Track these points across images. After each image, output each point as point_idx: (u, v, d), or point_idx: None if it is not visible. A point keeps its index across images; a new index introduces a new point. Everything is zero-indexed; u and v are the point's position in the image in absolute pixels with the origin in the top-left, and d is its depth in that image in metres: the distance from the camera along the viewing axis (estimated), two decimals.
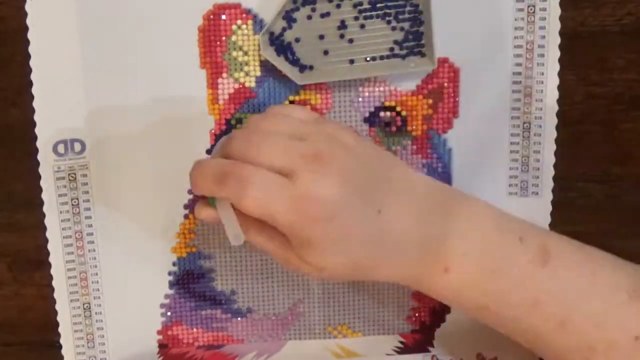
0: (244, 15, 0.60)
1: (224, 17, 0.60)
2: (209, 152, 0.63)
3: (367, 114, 0.63)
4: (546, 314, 0.55)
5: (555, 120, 0.63)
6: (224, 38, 0.61)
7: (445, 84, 0.63)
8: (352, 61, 0.61)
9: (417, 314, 0.67)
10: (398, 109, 0.63)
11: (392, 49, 0.61)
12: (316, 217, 0.50)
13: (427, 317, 0.67)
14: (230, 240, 0.53)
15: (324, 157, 0.51)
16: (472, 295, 0.56)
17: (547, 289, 0.55)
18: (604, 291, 0.55)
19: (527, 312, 0.55)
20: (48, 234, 0.63)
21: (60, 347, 0.65)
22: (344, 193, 0.51)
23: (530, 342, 0.57)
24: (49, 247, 0.64)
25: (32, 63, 0.60)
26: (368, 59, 0.61)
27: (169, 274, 0.65)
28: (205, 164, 0.53)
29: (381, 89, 0.62)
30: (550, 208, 0.65)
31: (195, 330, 0.67)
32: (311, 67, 0.61)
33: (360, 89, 0.63)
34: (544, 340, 0.56)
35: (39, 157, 0.62)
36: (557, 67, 0.62)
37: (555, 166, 0.64)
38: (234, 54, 0.61)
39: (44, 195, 0.62)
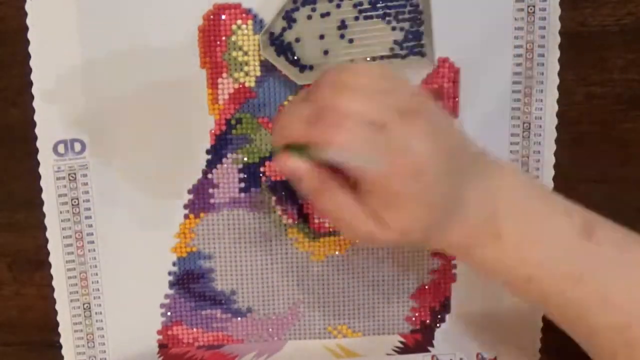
0: (244, 15, 0.60)
1: (224, 17, 0.60)
2: (209, 152, 0.63)
3: None
4: (590, 288, 0.54)
5: (555, 120, 0.63)
6: (224, 38, 0.61)
7: (445, 84, 0.63)
8: (352, 61, 0.61)
9: (417, 314, 0.67)
10: None
11: (392, 49, 0.61)
12: (408, 172, 0.49)
13: (427, 317, 0.67)
14: (367, 164, 0.49)
15: (415, 112, 0.50)
16: (520, 266, 0.54)
17: (593, 263, 0.54)
18: None
19: (572, 285, 0.54)
20: (48, 234, 0.63)
21: (60, 347, 0.65)
22: (433, 150, 0.49)
23: (569, 319, 0.56)
24: (49, 247, 0.64)
25: (32, 63, 0.60)
26: (368, 59, 0.61)
27: (169, 274, 0.65)
28: (296, 107, 0.50)
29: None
30: None
31: (195, 330, 0.67)
32: (311, 67, 0.61)
33: None
34: (584, 316, 0.55)
35: (39, 157, 0.62)
36: (557, 67, 0.62)
37: (555, 166, 0.64)
38: (234, 54, 0.61)
39: (44, 195, 0.62)
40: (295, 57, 0.61)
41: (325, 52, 0.61)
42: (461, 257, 0.56)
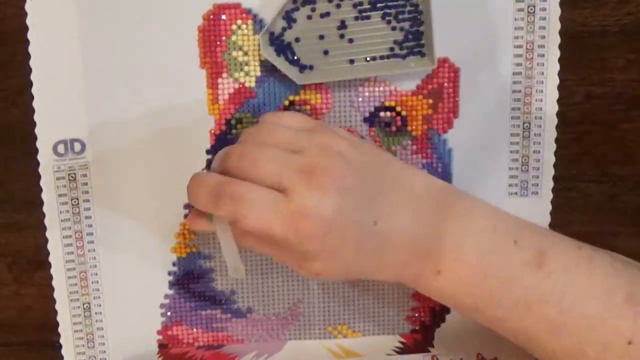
0: (244, 15, 0.60)
1: (224, 17, 0.60)
2: (209, 152, 0.63)
3: (367, 114, 0.63)
4: (538, 316, 0.55)
5: (555, 120, 0.63)
6: (224, 38, 0.61)
7: (445, 84, 0.63)
8: (352, 61, 0.61)
9: (417, 314, 0.67)
10: (398, 109, 0.63)
11: (392, 49, 0.61)
12: (311, 234, 0.51)
13: (427, 317, 0.67)
14: (230, 272, 0.54)
15: (319, 171, 0.51)
16: (464, 297, 0.56)
17: (541, 292, 0.55)
18: (600, 294, 0.55)
19: (519, 314, 0.55)
20: (48, 234, 0.63)
21: (60, 347, 0.65)
22: (338, 207, 0.51)
23: (522, 343, 0.57)
24: (49, 247, 0.64)
25: (32, 63, 0.60)
26: (368, 59, 0.61)
27: (169, 274, 0.65)
28: (201, 180, 0.53)
29: (381, 89, 0.62)
30: (550, 208, 0.65)
31: (195, 330, 0.67)
32: (311, 67, 0.61)
33: (360, 89, 0.63)
34: (536, 342, 0.56)
35: (39, 157, 0.62)
36: (557, 67, 0.62)
37: (555, 166, 0.64)
38: (234, 54, 0.61)
39: (44, 195, 0.62)
40: (295, 57, 0.61)
41: (325, 52, 0.61)
42: (410, 286, 0.57)
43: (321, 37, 0.60)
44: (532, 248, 0.55)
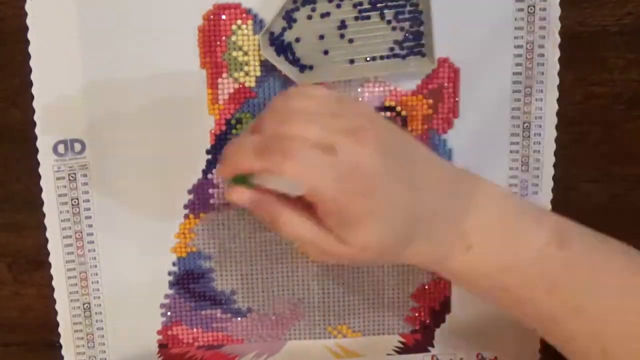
0: (244, 15, 0.60)
1: (224, 17, 0.60)
2: (209, 152, 0.63)
3: None
4: (563, 297, 0.54)
5: (555, 120, 0.63)
6: (224, 38, 0.61)
7: (445, 84, 0.63)
8: (352, 61, 0.61)
9: (417, 314, 0.67)
10: (398, 109, 0.63)
11: (392, 49, 0.61)
12: (360, 190, 0.50)
13: (427, 317, 0.67)
14: (291, 191, 0.50)
15: (363, 130, 0.50)
16: (491, 275, 0.55)
17: (564, 272, 0.54)
18: (619, 275, 0.55)
19: (544, 294, 0.54)
20: (48, 234, 0.63)
21: (60, 347, 0.65)
22: (384, 165, 0.50)
23: (543, 325, 0.57)
24: (49, 247, 0.64)
25: (32, 63, 0.60)
26: (368, 59, 0.61)
27: (169, 274, 0.65)
28: (244, 140, 0.51)
29: (381, 89, 0.62)
30: (550, 208, 0.65)
31: (195, 330, 0.67)
32: (311, 67, 0.61)
33: (360, 89, 0.62)
34: (558, 323, 0.55)
35: (39, 157, 0.62)
36: (557, 67, 0.62)
37: (555, 166, 0.64)
38: (234, 54, 0.61)
39: (44, 195, 0.62)
40: (295, 57, 0.61)
41: (325, 52, 0.61)
42: (434, 269, 0.57)
43: (321, 37, 0.60)
44: (553, 229, 0.55)
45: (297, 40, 0.60)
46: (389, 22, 0.61)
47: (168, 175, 0.63)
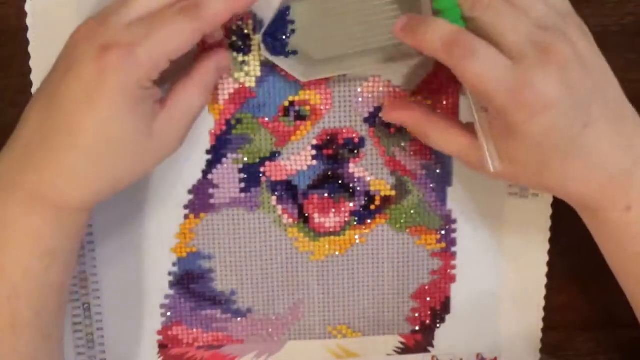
0: (244, 15, 0.60)
1: None
2: (209, 152, 0.63)
3: (367, 114, 0.63)
4: None
5: None
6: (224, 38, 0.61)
7: (445, 84, 0.63)
8: (354, 55, 0.61)
9: (417, 314, 0.67)
10: None
11: (395, 45, 0.60)
12: (530, 105, 0.50)
13: (427, 317, 0.67)
14: (490, 166, 0.54)
15: (555, 53, 0.51)
16: (637, 239, 0.54)
17: None
18: None
19: None
20: None
21: None
22: (560, 94, 0.50)
23: None
24: None
25: (32, 63, 0.60)
26: (370, 50, 0.60)
27: (169, 274, 0.65)
28: (436, 25, 0.52)
29: (381, 89, 0.62)
30: (550, 209, 0.65)
31: (195, 330, 0.67)
32: (313, 64, 0.61)
33: (360, 89, 0.62)
34: None
35: None
36: None
37: None
38: (234, 54, 0.61)
39: None
40: (296, 56, 0.61)
41: (327, 48, 0.60)
42: (581, 212, 0.57)
43: (322, 33, 0.60)
44: None
45: (297, 38, 0.60)
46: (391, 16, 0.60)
47: (168, 175, 0.63)
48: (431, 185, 0.65)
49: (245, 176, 0.63)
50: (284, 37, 0.60)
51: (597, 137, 0.53)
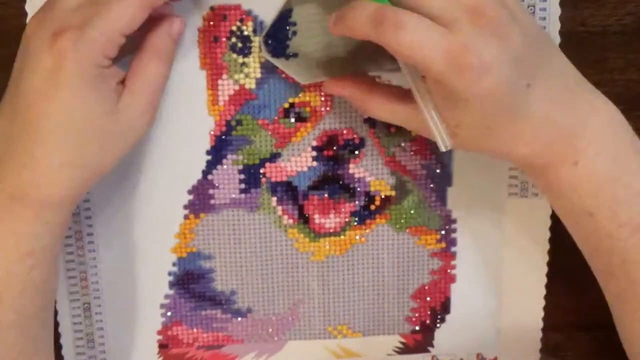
0: (244, 16, 0.60)
1: (224, 18, 0.60)
2: (209, 152, 0.63)
3: (367, 115, 0.63)
4: None
5: None
6: (224, 39, 0.60)
7: None
8: (355, 56, 0.60)
9: (417, 314, 0.67)
10: None
11: None
12: (469, 68, 0.49)
13: (427, 317, 0.68)
14: (440, 145, 0.53)
15: (487, 15, 0.50)
16: (587, 197, 0.54)
17: None
18: None
19: (631, 232, 0.54)
20: None
21: (60, 347, 0.65)
22: (498, 55, 0.50)
23: (615, 265, 0.55)
24: None
25: None
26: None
27: (169, 274, 0.65)
28: (362, 6, 0.51)
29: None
30: (550, 209, 0.65)
31: (195, 330, 0.67)
32: (313, 66, 0.60)
33: None
34: (634, 266, 0.55)
35: None
36: None
37: None
38: (234, 55, 0.61)
39: None
40: (297, 57, 0.61)
41: (328, 50, 0.60)
42: (532, 174, 0.56)
43: (322, 35, 0.60)
44: None
45: (298, 40, 0.60)
46: None
47: (168, 175, 0.63)
48: (431, 185, 0.65)
49: (246, 177, 0.63)
50: (284, 39, 0.60)
51: (542, 96, 0.52)
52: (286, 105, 0.62)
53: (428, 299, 0.67)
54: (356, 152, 0.63)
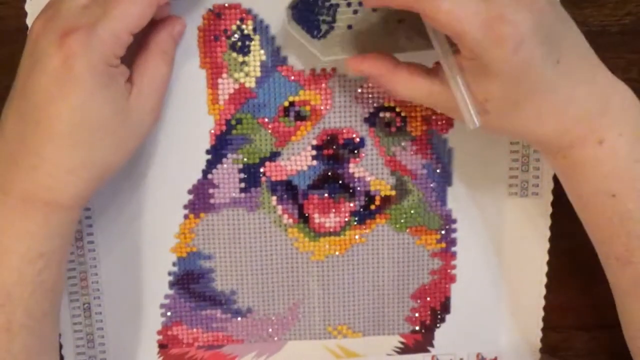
0: (243, 15, 0.60)
1: (224, 17, 0.60)
2: (209, 152, 0.63)
3: (367, 115, 0.63)
4: None
5: None
6: (224, 38, 0.61)
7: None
8: (378, 33, 0.59)
9: (417, 314, 0.67)
10: (398, 109, 0.63)
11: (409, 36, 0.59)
12: (505, 38, 0.49)
13: (427, 317, 0.67)
14: (468, 122, 0.53)
15: None
16: (611, 178, 0.54)
17: None
18: None
19: None
20: None
21: (60, 347, 0.65)
22: (534, 28, 0.50)
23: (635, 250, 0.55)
24: None
25: None
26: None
27: (169, 274, 0.65)
28: None
29: (381, 89, 0.62)
30: (550, 208, 0.65)
31: (195, 330, 0.67)
32: (334, 43, 0.59)
33: (360, 89, 0.62)
34: None
35: None
36: None
37: None
38: (234, 54, 0.61)
39: None
40: (319, 33, 0.59)
41: (349, 27, 0.59)
42: (554, 156, 0.56)
43: (349, 12, 0.59)
44: None
45: (324, 16, 0.59)
46: None
47: (168, 175, 0.63)
48: (431, 185, 0.65)
49: (246, 176, 0.63)
50: (319, 16, 0.59)
51: (568, 73, 0.52)
52: (286, 104, 0.62)
53: (428, 299, 0.67)
54: (356, 152, 0.64)
